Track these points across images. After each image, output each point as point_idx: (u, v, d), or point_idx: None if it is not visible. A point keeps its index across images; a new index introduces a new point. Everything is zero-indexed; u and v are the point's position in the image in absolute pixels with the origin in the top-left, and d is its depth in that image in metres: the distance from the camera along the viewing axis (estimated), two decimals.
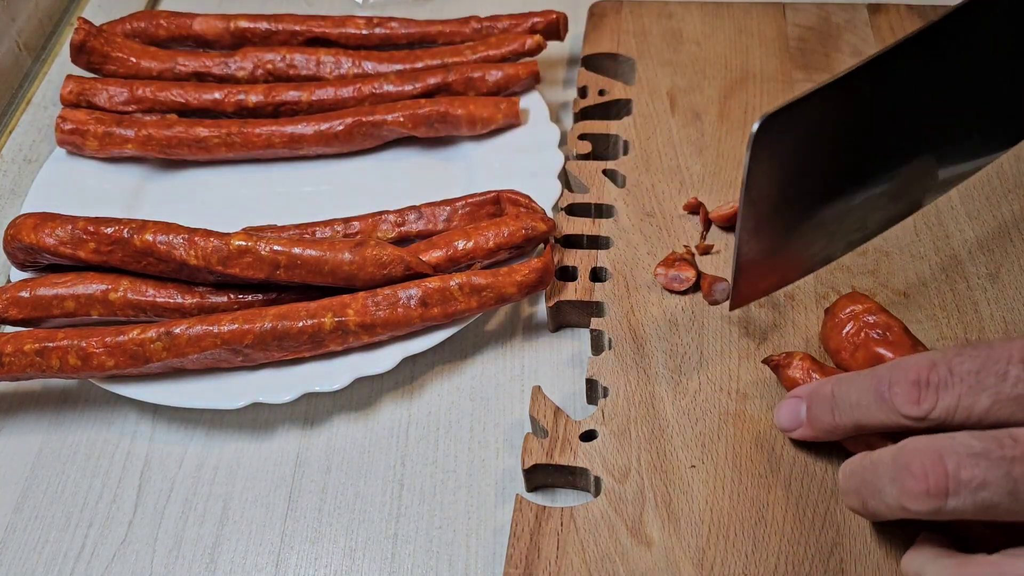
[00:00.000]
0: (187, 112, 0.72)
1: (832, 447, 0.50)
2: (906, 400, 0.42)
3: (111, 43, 0.74)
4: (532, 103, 0.72)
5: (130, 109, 0.71)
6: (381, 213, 0.64)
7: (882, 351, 0.50)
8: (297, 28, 0.76)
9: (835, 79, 0.46)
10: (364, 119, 0.69)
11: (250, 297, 0.60)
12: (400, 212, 0.64)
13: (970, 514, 0.39)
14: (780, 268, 0.53)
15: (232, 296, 0.60)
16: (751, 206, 0.47)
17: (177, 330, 0.56)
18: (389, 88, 0.71)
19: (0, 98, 0.81)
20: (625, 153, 0.67)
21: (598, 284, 0.60)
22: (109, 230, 0.59)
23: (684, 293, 0.58)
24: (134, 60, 0.74)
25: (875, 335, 0.50)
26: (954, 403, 0.41)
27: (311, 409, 0.59)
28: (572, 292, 0.59)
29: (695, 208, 0.62)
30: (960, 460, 0.39)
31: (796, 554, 0.47)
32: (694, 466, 0.51)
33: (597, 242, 0.63)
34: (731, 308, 0.53)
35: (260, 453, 0.57)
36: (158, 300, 0.59)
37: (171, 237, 0.58)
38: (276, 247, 0.58)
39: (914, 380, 0.42)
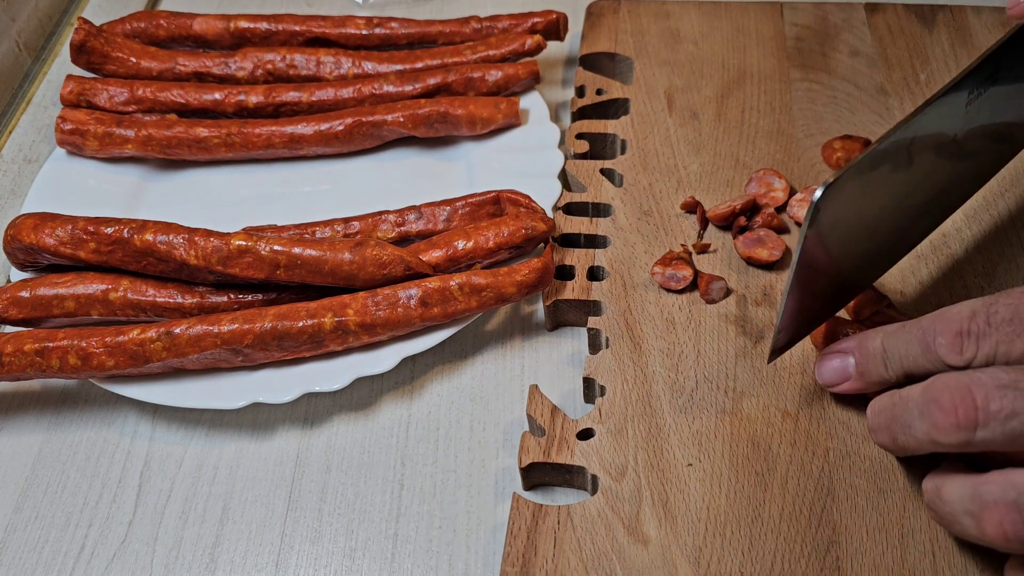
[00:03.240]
0: (187, 112, 0.72)
1: (826, 444, 0.51)
2: (949, 351, 0.44)
3: (111, 43, 0.74)
4: (532, 103, 0.72)
5: (130, 109, 0.72)
6: (381, 213, 0.64)
7: None
8: (297, 28, 0.76)
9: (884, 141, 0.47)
10: (364, 119, 0.69)
11: (250, 297, 0.60)
12: (400, 212, 0.64)
13: (999, 445, 0.41)
14: (819, 317, 0.54)
15: (232, 296, 0.60)
16: (803, 271, 0.48)
17: (177, 330, 0.56)
18: (389, 88, 0.72)
19: (0, 98, 0.81)
20: (623, 152, 0.68)
21: (595, 283, 0.60)
22: (109, 230, 0.59)
23: (681, 292, 0.59)
24: (134, 60, 0.74)
25: None
26: (992, 350, 0.43)
27: (311, 409, 0.59)
28: (570, 291, 0.59)
29: (692, 207, 0.63)
30: (988, 392, 0.41)
31: (792, 552, 0.47)
32: (691, 464, 0.51)
33: (595, 241, 0.63)
34: (769, 361, 0.53)
35: (260, 453, 0.57)
36: (158, 300, 0.59)
37: (171, 237, 0.58)
38: (276, 247, 0.58)
39: (957, 331, 0.44)
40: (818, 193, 0.44)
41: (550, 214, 0.63)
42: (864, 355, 0.49)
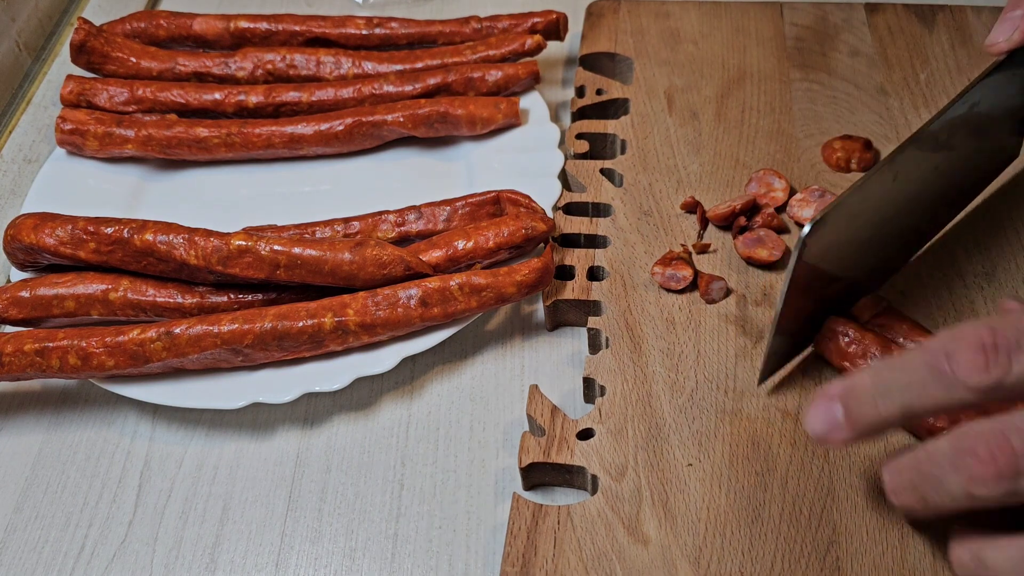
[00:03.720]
0: (187, 112, 0.72)
1: (827, 449, 0.51)
2: (973, 368, 0.38)
3: (111, 43, 0.74)
4: (532, 103, 0.72)
5: (130, 109, 0.72)
6: (381, 213, 0.64)
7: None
8: (297, 28, 0.76)
9: (863, 180, 0.48)
10: (364, 119, 0.69)
11: (250, 297, 0.60)
12: (400, 212, 0.64)
13: None
14: (805, 340, 0.55)
15: (232, 296, 0.60)
16: (791, 304, 0.49)
17: (177, 330, 0.56)
18: (389, 88, 0.72)
19: (0, 98, 0.81)
20: (623, 152, 0.68)
21: (595, 283, 0.60)
22: (109, 230, 0.59)
23: (681, 292, 0.59)
24: (134, 60, 0.74)
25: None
26: None
27: (311, 409, 0.59)
28: (570, 291, 0.59)
29: (692, 207, 0.63)
30: None
31: (792, 552, 0.47)
32: (691, 464, 0.51)
33: (595, 241, 0.63)
34: (760, 383, 0.53)
35: (260, 453, 0.57)
36: (158, 300, 0.59)
37: (171, 237, 0.58)
38: (276, 247, 0.58)
39: (979, 346, 0.38)
40: (806, 229, 0.46)
41: (550, 214, 0.64)
42: (851, 397, 0.42)
